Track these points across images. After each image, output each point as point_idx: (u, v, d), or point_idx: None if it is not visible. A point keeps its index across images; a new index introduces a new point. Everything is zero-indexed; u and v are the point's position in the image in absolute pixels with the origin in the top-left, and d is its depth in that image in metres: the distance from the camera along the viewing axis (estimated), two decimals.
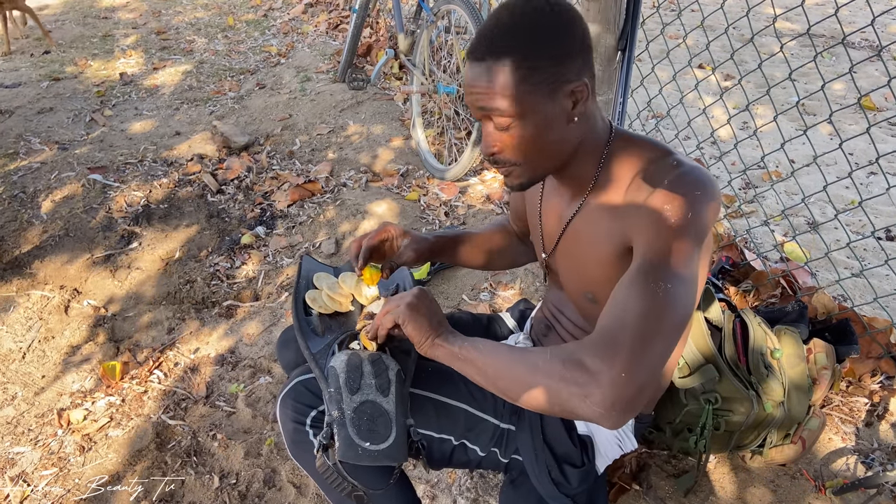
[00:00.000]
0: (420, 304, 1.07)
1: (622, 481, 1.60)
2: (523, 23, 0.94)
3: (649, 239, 0.92)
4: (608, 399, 0.80)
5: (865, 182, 2.98)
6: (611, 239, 1.02)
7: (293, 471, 1.76)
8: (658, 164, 0.98)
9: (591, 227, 1.07)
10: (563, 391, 0.84)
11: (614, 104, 2.06)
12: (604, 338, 0.84)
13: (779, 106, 3.61)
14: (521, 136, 0.98)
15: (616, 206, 1.02)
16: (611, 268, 1.04)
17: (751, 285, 2.03)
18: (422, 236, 1.34)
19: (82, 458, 1.82)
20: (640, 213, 0.95)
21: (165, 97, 4.16)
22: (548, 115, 0.97)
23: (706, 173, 0.96)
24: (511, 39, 0.94)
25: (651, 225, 0.93)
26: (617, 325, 0.85)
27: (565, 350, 0.88)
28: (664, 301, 0.85)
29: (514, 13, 0.95)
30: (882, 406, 1.76)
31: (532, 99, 0.95)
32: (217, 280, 2.54)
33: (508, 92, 0.95)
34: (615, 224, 1.02)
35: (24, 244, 2.67)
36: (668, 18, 5.20)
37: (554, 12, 0.95)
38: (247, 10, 6.07)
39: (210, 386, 2.05)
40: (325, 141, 3.48)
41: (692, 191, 0.92)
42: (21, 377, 2.10)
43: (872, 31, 4.51)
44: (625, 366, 0.80)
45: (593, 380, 0.82)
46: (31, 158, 3.27)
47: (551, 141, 1.00)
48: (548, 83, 0.95)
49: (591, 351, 0.84)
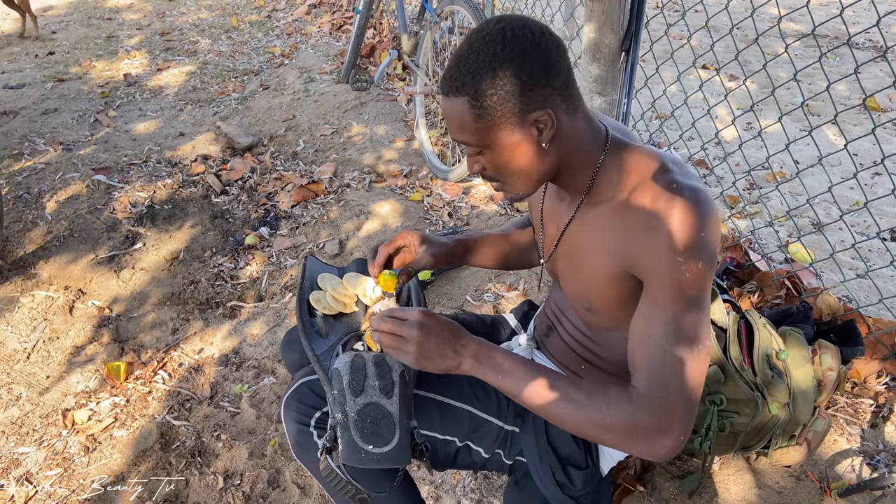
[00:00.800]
0: (426, 343, 1.01)
1: (626, 483, 1.60)
2: (480, 57, 0.93)
3: (670, 282, 0.93)
4: (671, 451, 0.94)
5: (870, 183, 2.98)
6: (611, 257, 1.02)
7: (297, 471, 1.76)
8: (657, 184, 0.97)
9: (588, 235, 1.07)
10: (633, 448, 0.96)
11: (618, 105, 2.06)
12: (657, 399, 0.94)
13: (783, 107, 3.60)
14: (493, 163, 1.01)
15: (612, 220, 1.02)
16: (608, 285, 1.04)
17: (755, 286, 2.02)
18: (440, 241, 1.33)
19: (87, 458, 1.82)
20: (650, 247, 0.95)
21: (169, 98, 4.17)
22: (514, 144, 0.97)
23: (703, 190, 0.95)
24: (467, 75, 0.93)
25: (666, 265, 0.93)
26: (667, 386, 0.94)
27: (623, 408, 0.95)
28: (701, 359, 0.94)
29: (472, 46, 0.94)
30: (887, 407, 1.76)
31: (493, 133, 0.96)
32: (221, 281, 2.55)
33: (470, 127, 0.96)
34: (615, 242, 1.01)
35: (28, 244, 2.68)
36: (672, 19, 5.19)
37: (514, 41, 0.92)
38: (250, 11, 6.08)
39: (214, 386, 2.05)
40: (329, 142, 3.49)
41: (700, 217, 0.92)
42: (26, 377, 2.10)
43: (877, 32, 4.50)
44: (681, 428, 0.93)
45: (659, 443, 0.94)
46: (35, 159, 3.28)
47: (526, 164, 1.00)
48: (506, 117, 0.94)
49: (650, 413, 0.94)
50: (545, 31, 0.95)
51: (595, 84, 2.05)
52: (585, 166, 1.04)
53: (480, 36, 0.94)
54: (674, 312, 0.93)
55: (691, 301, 0.93)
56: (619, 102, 2.05)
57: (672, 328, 0.94)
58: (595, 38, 1.96)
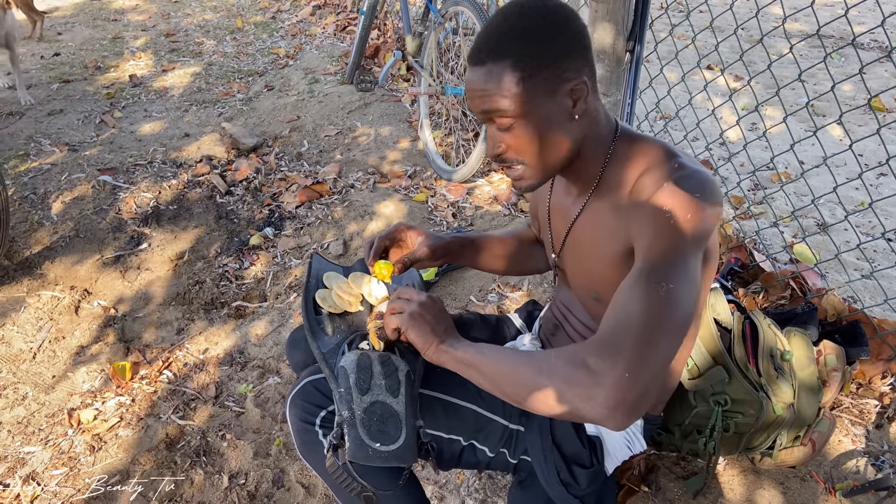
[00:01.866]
0: (424, 311, 1.08)
1: (631, 483, 1.60)
2: (520, 25, 0.96)
3: (649, 240, 0.93)
4: (612, 400, 0.80)
5: (875, 183, 2.97)
6: (615, 239, 1.03)
7: (302, 471, 1.77)
8: (661, 167, 0.98)
9: (596, 225, 1.08)
10: (567, 393, 0.84)
11: (623, 105, 2.06)
12: (606, 339, 0.84)
13: (788, 107, 3.59)
14: (525, 135, 1.00)
15: (619, 206, 1.03)
16: (615, 268, 1.04)
17: (760, 287, 2.02)
18: (437, 236, 1.34)
19: (92, 457, 1.83)
20: (642, 214, 0.96)
21: (174, 99, 4.18)
22: (549, 114, 0.98)
23: (708, 176, 0.96)
24: (508, 42, 0.95)
25: (651, 226, 0.94)
26: (619, 326, 0.85)
27: (568, 351, 0.88)
28: (665, 301, 0.85)
29: (509, 17, 0.97)
30: (892, 408, 1.75)
31: (532, 98, 0.97)
32: (226, 281, 2.55)
33: (509, 93, 0.96)
34: (619, 224, 1.02)
35: (34, 245, 2.69)
36: (677, 19, 5.19)
37: (549, 12, 0.96)
38: (255, 12, 6.09)
39: (219, 386, 2.06)
40: (333, 142, 3.49)
41: (693, 193, 0.93)
42: (32, 377, 2.11)
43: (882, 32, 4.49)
44: (628, 366, 0.80)
45: (597, 381, 0.82)
46: (41, 160, 3.29)
47: (554, 139, 1.01)
48: (547, 82, 0.96)
49: (593, 351, 0.84)
50: (573, 11, 0.99)
51: (600, 84, 2.05)
52: (597, 155, 1.06)
53: (516, 8, 0.97)
54: (651, 259, 0.90)
55: (674, 256, 0.90)
56: (624, 103, 2.05)
57: (645, 273, 0.89)
58: (600, 38, 1.96)
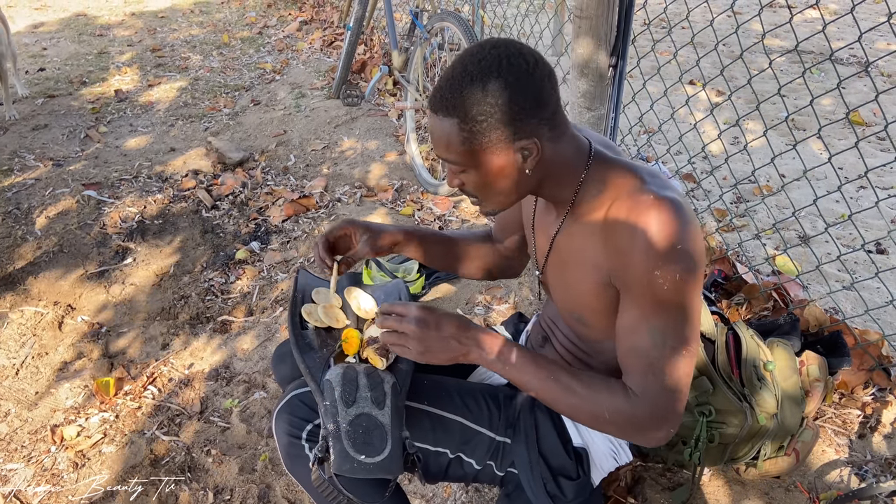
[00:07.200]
0: (426, 338, 1.04)
1: (617, 494, 1.60)
2: (475, 80, 0.94)
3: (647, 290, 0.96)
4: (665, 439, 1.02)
5: (855, 196, 3.02)
6: (594, 269, 1.05)
7: (288, 486, 1.75)
8: (631, 197, 0.99)
9: (573, 247, 1.10)
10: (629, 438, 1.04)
11: (606, 119, 2.08)
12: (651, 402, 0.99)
13: (769, 121, 3.65)
14: (475, 181, 1.03)
15: (595, 235, 1.04)
16: (595, 298, 1.07)
17: (743, 298, 2.04)
18: (382, 229, 1.32)
19: (76, 474, 1.81)
20: (625, 256, 0.97)
21: (160, 113, 4.18)
22: (497, 168, 0.99)
23: (677, 201, 0.97)
24: (462, 97, 0.94)
25: (639, 270, 0.96)
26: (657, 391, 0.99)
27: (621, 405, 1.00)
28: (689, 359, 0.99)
29: (467, 66, 0.95)
30: (875, 418, 1.77)
31: (478, 155, 0.98)
32: (211, 295, 2.54)
33: (455, 149, 0.98)
34: (596, 253, 1.04)
35: (18, 260, 2.67)
36: (659, 35, 5.26)
37: (508, 68, 0.94)
38: (242, 27, 6.11)
39: (204, 401, 2.04)
40: (320, 156, 3.50)
41: (668, 222, 0.94)
42: (14, 393, 2.09)
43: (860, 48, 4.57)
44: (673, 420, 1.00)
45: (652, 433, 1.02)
46: (25, 175, 3.27)
47: (505, 187, 1.03)
48: (493, 143, 0.96)
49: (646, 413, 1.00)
50: (539, 61, 0.97)
51: (583, 99, 2.08)
52: (568, 182, 1.06)
53: (475, 59, 0.95)
54: (657, 321, 0.96)
55: (673, 308, 0.95)
56: (608, 117, 2.08)
57: (658, 338, 0.96)
58: (583, 53, 1.99)
